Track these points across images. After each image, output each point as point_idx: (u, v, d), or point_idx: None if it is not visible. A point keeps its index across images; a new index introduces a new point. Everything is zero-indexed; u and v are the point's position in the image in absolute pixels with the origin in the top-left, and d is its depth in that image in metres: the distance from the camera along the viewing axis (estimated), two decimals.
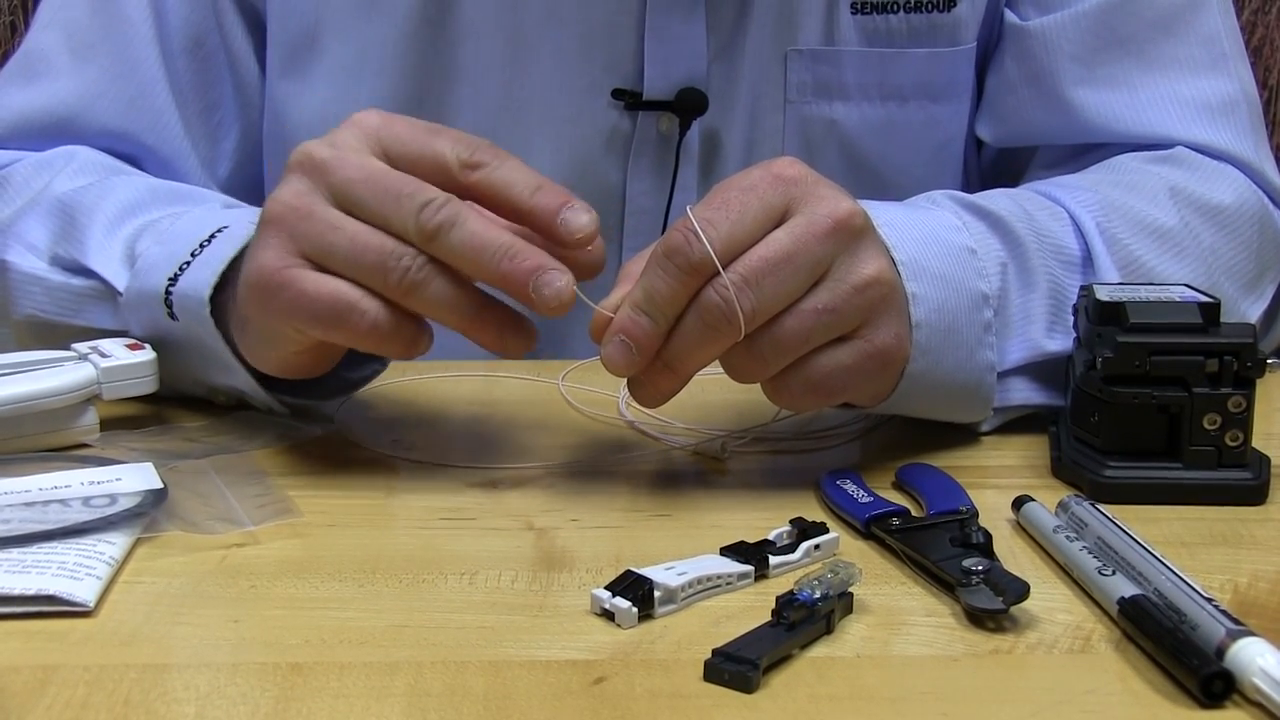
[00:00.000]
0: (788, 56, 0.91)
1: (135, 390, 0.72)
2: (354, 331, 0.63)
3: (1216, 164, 0.86)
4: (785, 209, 0.63)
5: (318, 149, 0.64)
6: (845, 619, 0.54)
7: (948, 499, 0.64)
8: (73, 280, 0.78)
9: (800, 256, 0.62)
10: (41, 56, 0.89)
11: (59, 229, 0.79)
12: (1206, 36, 0.89)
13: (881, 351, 0.65)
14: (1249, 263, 0.82)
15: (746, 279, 0.61)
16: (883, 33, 0.91)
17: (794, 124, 0.92)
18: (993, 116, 0.94)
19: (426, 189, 0.63)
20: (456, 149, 0.64)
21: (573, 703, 0.49)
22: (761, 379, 0.65)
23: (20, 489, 0.63)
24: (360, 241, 0.63)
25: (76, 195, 0.80)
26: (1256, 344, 0.65)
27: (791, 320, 0.63)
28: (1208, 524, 0.64)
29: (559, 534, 0.62)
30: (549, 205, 0.64)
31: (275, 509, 0.63)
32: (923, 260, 0.68)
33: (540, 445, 0.74)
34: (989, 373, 0.71)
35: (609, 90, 0.90)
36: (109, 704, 0.48)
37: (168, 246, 0.74)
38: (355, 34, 0.90)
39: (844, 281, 0.63)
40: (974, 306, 0.70)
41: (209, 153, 0.92)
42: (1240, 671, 0.48)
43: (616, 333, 0.62)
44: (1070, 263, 0.75)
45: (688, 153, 0.92)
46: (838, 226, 0.63)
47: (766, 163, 0.65)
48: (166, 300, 0.72)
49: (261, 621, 0.54)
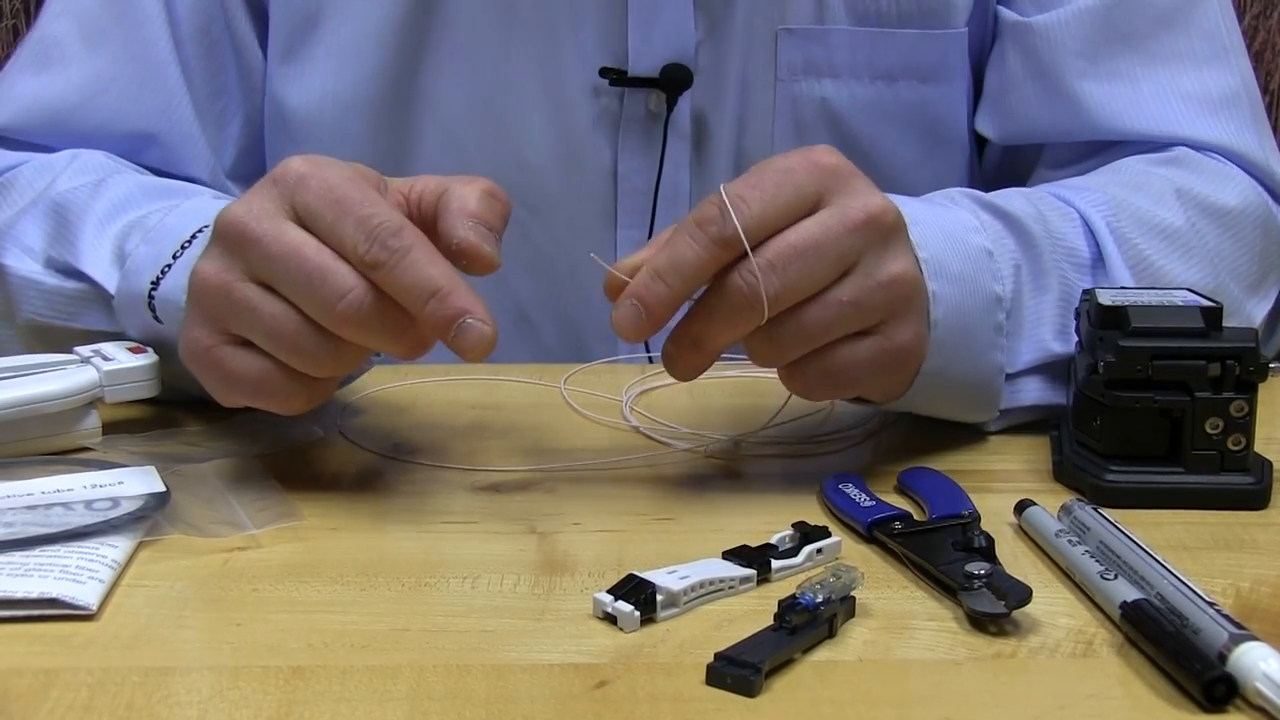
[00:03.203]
0: (778, 35, 0.92)
1: (137, 394, 0.72)
2: (284, 408, 0.64)
3: (1220, 166, 0.87)
4: (819, 197, 0.63)
5: (236, 217, 0.62)
6: (847, 623, 0.54)
7: (950, 503, 0.64)
8: (66, 283, 0.78)
9: (829, 247, 0.62)
10: (55, 43, 0.90)
11: (53, 230, 0.79)
12: (1207, 30, 0.90)
13: (900, 349, 0.65)
14: (1253, 264, 0.83)
15: (773, 263, 0.62)
16: (872, 14, 0.92)
17: (784, 102, 0.93)
18: (996, 113, 0.94)
19: (338, 273, 0.60)
20: (357, 239, 0.60)
21: (575, 706, 0.49)
22: (779, 364, 0.65)
23: (22, 492, 0.63)
24: (276, 326, 0.61)
25: (70, 195, 0.80)
26: (1258, 348, 0.65)
27: (815, 310, 0.63)
28: (1210, 528, 0.64)
29: (561, 538, 0.62)
30: (441, 319, 0.60)
31: (277, 512, 0.63)
32: (943, 259, 0.68)
33: (542, 449, 0.74)
34: (998, 374, 0.72)
35: (598, 68, 0.91)
36: (111, 707, 0.48)
37: (154, 246, 0.74)
38: (354, 12, 0.91)
39: (870, 276, 0.63)
40: (988, 308, 0.70)
41: (216, 138, 0.93)
42: (1243, 676, 0.48)
43: (630, 296, 0.62)
44: (1081, 265, 0.76)
45: (678, 130, 0.92)
46: (870, 221, 0.63)
47: (806, 149, 0.65)
48: (150, 304, 0.72)
49: (263, 625, 0.54)
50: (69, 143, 0.88)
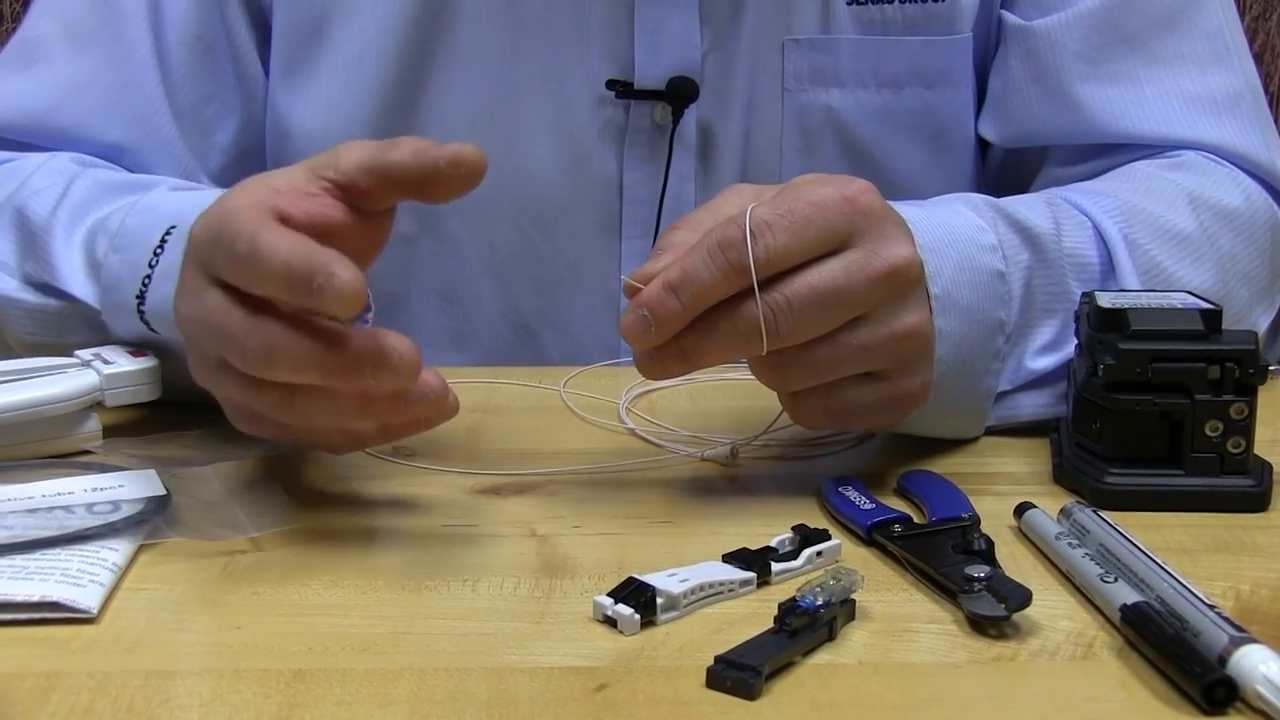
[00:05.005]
0: (784, 46, 0.92)
1: (138, 397, 0.72)
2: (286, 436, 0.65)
3: (1227, 170, 0.86)
4: (847, 237, 0.63)
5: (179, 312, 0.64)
6: (847, 626, 0.54)
7: (950, 506, 0.64)
8: (49, 301, 0.78)
9: (847, 294, 0.62)
10: (38, 43, 0.90)
11: (22, 243, 0.79)
12: (1209, 31, 0.90)
13: (906, 395, 0.66)
14: (1264, 269, 0.83)
15: (790, 301, 0.62)
16: (878, 22, 0.92)
17: (791, 112, 0.93)
18: (999, 117, 0.94)
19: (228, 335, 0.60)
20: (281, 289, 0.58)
21: (575, 710, 0.49)
22: (781, 390, 0.65)
23: (23, 495, 0.63)
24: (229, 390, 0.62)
25: (32, 203, 0.80)
26: (1258, 351, 0.65)
27: (824, 349, 0.63)
28: (1210, 531, 0.64)
29: (561, 541, 0.62)
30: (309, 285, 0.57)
31: (278, 515, 0.63)
32: (955, 292, 0.68)
33: (542, 452, 0.74)
34: (988, 398, 0.72)
35: (604, 80, 0.91)
36: (112, 711, 0.48)
37: (125, 254, 0.73)
38: (358, 25, 0.90)
39: (885, 325, 0.63)
40: (990, 335, 0.70)
41: (201, 145, 0.92)
42: (1243, 679, 0.48)
43: (641, 306, 0.62)
44: (1090, 281, 0.75)
45: (683, 142, 0.92)
46: (893, 274, 0.63)
47: (845, 180, 0.64)
48: (141, 317, 0.72)
49: (264, 628, 0.54)
50: (47, 143, 0.88)
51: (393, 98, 0.91)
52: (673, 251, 0.63)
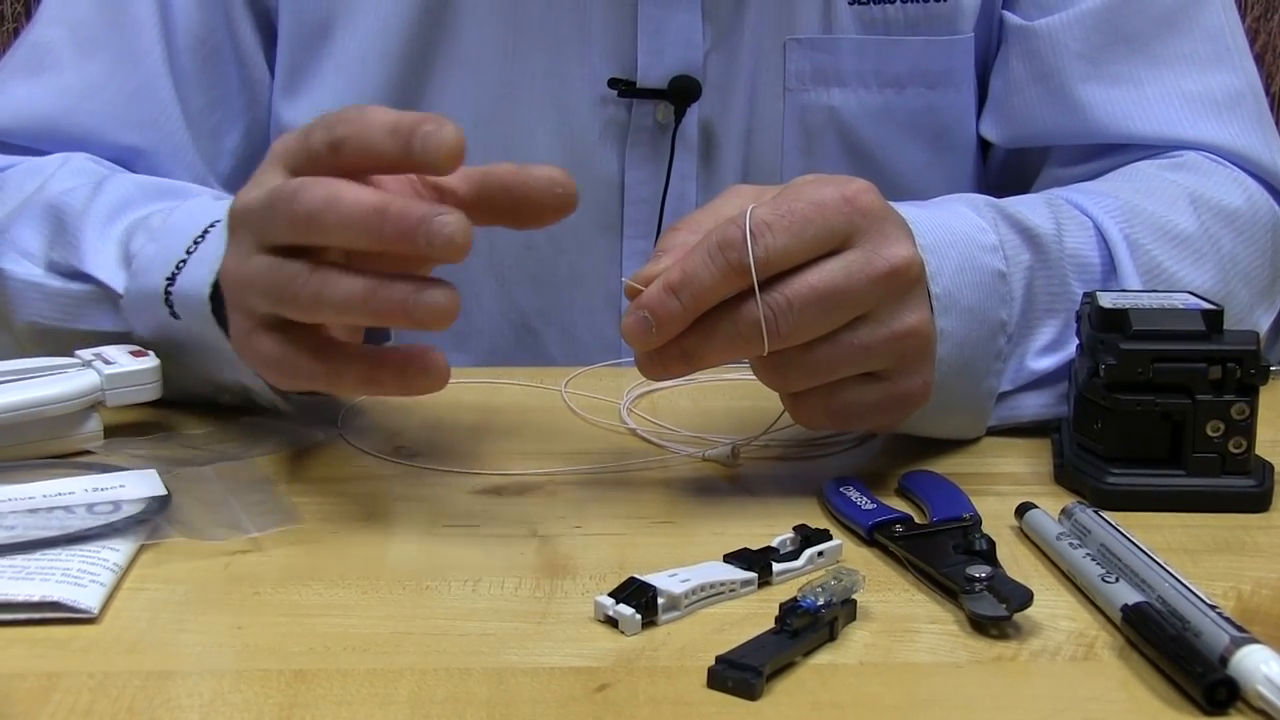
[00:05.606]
0: (786, 45, 0.92)
1: (139, 397, 0.72)
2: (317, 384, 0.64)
3: (1228, 171, 0.87)
4: (847, 237, 0.63)
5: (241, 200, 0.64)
6: (849, 626, 0.54)
7: (951, 506, 0.64)
8: (71, 285, 0.78)
9: (848, 294, 0.62)
10: (47, 49, 0.90)
11: (51, 234, 0.79)
12: (1210, 31, 0.90)
13: (906, 395, 0.66)
14: (1265, 269, 0.83)
15: (791, 301, 0.61)
16: (880, 22, 0.92)
17: (793, 112, 0.93)
18: (1000, 117, 0.94)
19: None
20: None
21: (576, 710, 0.49)
22: (782, 391, 0.65)
23: (24, 495, 0.63)
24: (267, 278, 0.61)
25: (66, 198, 0.80)
26: (1259, 351, 0.65)
27: (825, 349, 0.63)
28: (1211, 531, 0.64)
29: (562, 541, 0.62)
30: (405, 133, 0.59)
31: (278, 515, 0.63)
32: (956, 293, 0.68)
33: (543, 452, 0.74)
34: (989, 399, 0.72)
35: (605, 80, 0.91)
36: (113, 711, 0.48)
37: (162, 243, 0.74)
38: (362, 26, 0.91)
39: (886, 325, 0.63)
40: (991, 336, 0.70)
41: (211, 149, 0.93)
42: (1244, 679, 0.48)
43: (642, 308, 0.62)
44: (1091, 281, 0.75)
45: (685, 142, 0.92)
46: (893, 273, 0.63)
47: (845, 179, 0.64)
48: (167, 300, 0.72)
49: (265, 628, 0.54)
50: (58, 148, 0.88)
51: (395, 97, 0.91)
52: (673, 253, 0.63)
